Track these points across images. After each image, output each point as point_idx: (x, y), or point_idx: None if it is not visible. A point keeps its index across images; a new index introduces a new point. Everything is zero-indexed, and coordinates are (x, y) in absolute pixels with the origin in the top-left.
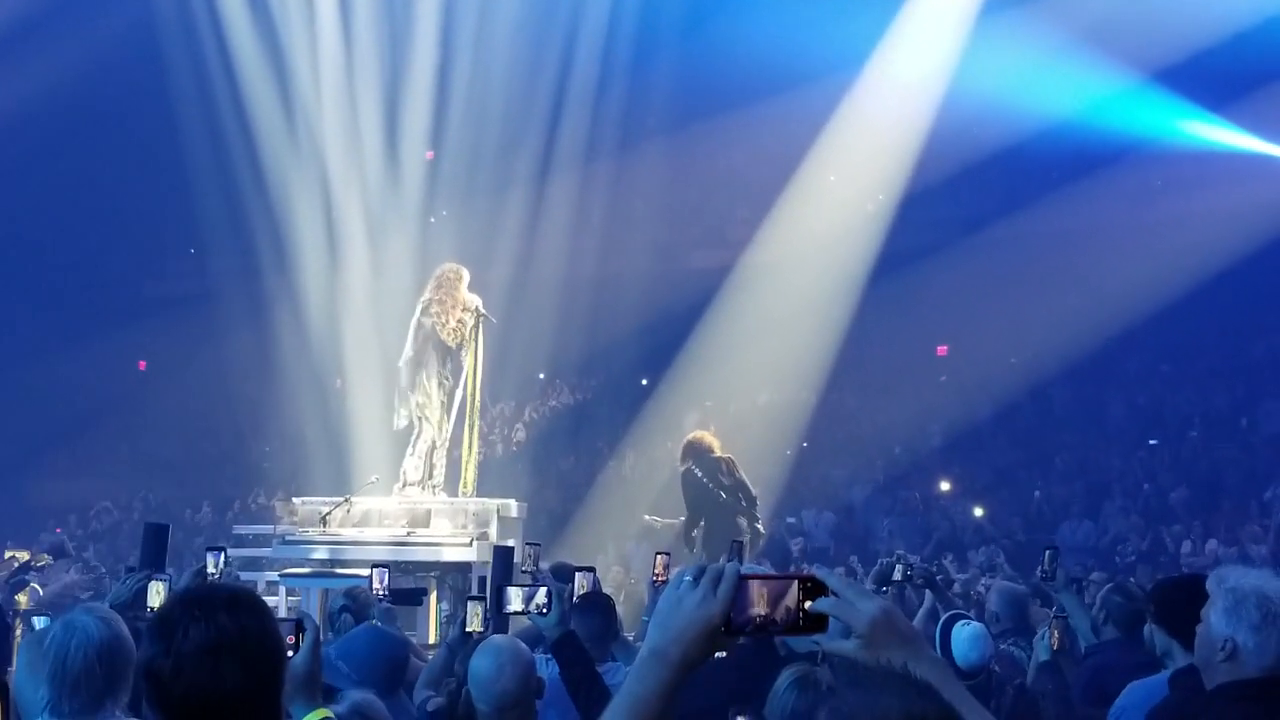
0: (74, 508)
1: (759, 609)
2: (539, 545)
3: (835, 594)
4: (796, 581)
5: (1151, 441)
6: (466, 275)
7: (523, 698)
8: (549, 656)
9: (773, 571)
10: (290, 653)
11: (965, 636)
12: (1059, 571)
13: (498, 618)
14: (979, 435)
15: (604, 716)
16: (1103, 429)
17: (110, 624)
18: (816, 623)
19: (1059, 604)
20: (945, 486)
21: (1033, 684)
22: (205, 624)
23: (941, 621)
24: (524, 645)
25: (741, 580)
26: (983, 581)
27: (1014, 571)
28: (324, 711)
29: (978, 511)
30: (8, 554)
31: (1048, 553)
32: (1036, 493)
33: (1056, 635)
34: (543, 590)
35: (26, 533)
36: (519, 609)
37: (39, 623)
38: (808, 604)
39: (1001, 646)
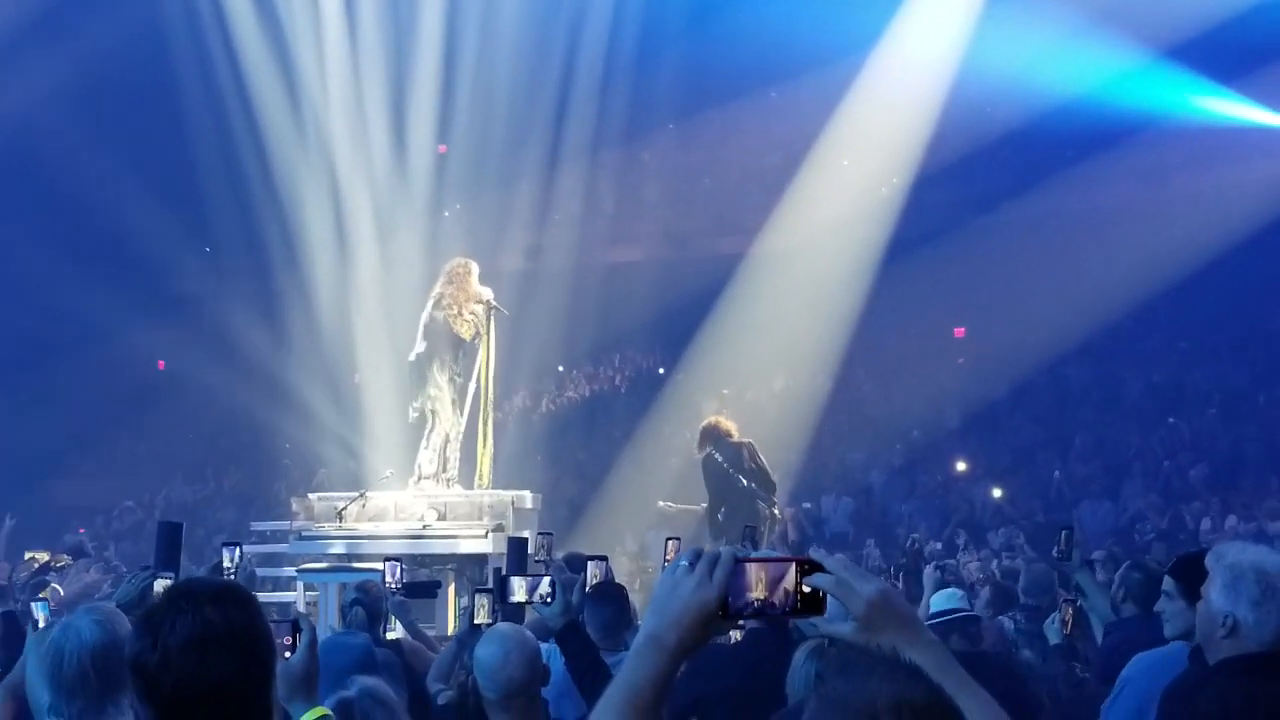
0: (97, 508)
1: (756, 592)
2: (551, 535)
3: (833, 575)
4: (794, 564)
5: (1170, 419)
6: (476, 268)
7: (528, 686)
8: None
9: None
10: (287, 653)
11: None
12: (1075, 551)
13: (506, 608)
14: (997, 416)
15: (600, 701)
16: (1121, 408)
17: (106, 626)
18: (814, 605)
19: (1075, 584)
20: (963, 468)
21: (1045, 667)
22: (191, 617)
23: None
24: (529, 633)
25: (738, 564)
26: (996, 563)
27: (1034, 553)
28: (321, 710)
29: (996, 493)
30: (28, 555)
31: (1064, 533)
32: (1056, 473)
33: (1068, 618)
34: (546, 580)
35: (50, 533)
36: (523, 599)
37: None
38: (805, 586)
39: (999, 619)
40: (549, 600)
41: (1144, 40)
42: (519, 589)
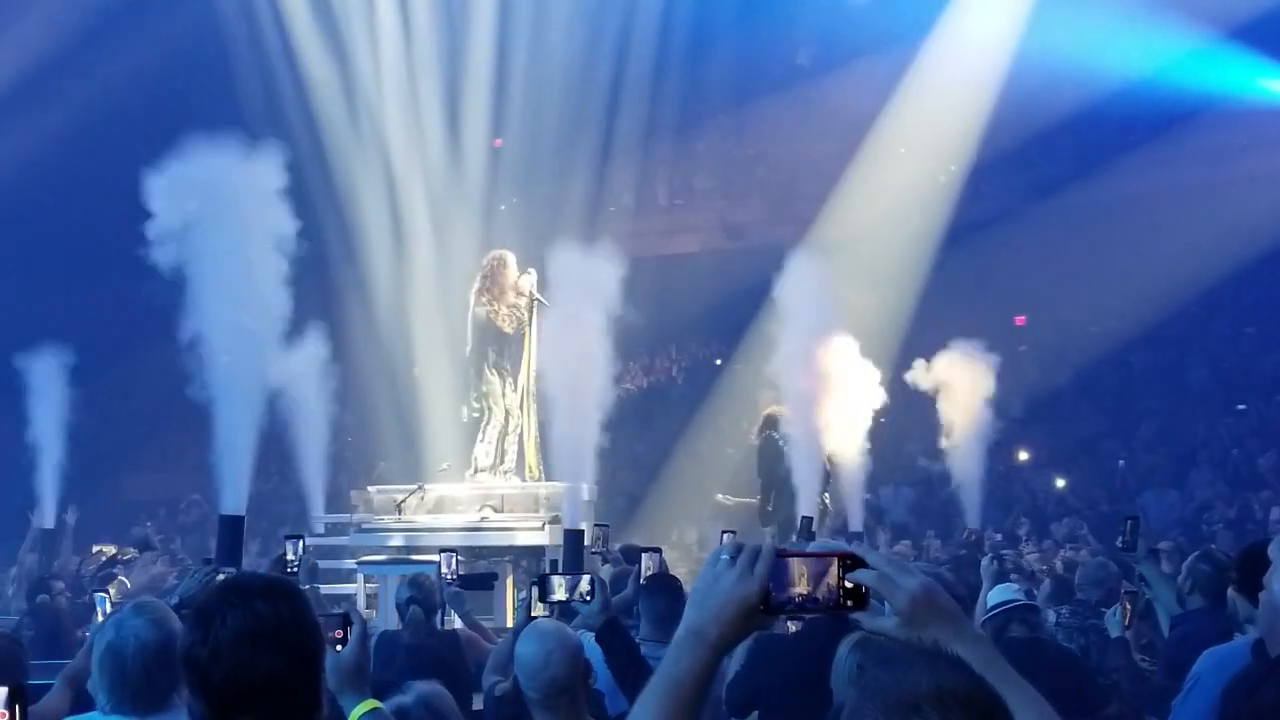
0: (163, 501)
1: (799, 587)
2: (607, 526)
3: (876, 570)
4: (836, 558)
5: (1240, 406)
6: (511, 259)
7: (571, 683)
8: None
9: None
10: (339, 646)
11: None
12: (1140, 541)
13: (559, 605)
14: (1060, 404)
15: (641, 695)
16: (1187, 394)
17: (160, 624)
18: (858, 600)
19: (1139, 575)
20: (1025, 457)
21: (1104, 661)
22: (242, 611)
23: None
24: (571, 630)
25: (780, 558)
26: (1061, 554)
27: (1098, 544)
28: (372, 703)
29: (1060, 482)
30: (95, 549)
31: (1128, 522)
32: (1121, 462)
33: (1128, 610)
34: (586, 578)
35: (117, 527)
36: (562, 597)
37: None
38: (848, 581)
39: (1045, 611)
40: (589, 598)
41: (1206, 20)
42: (559, 587)
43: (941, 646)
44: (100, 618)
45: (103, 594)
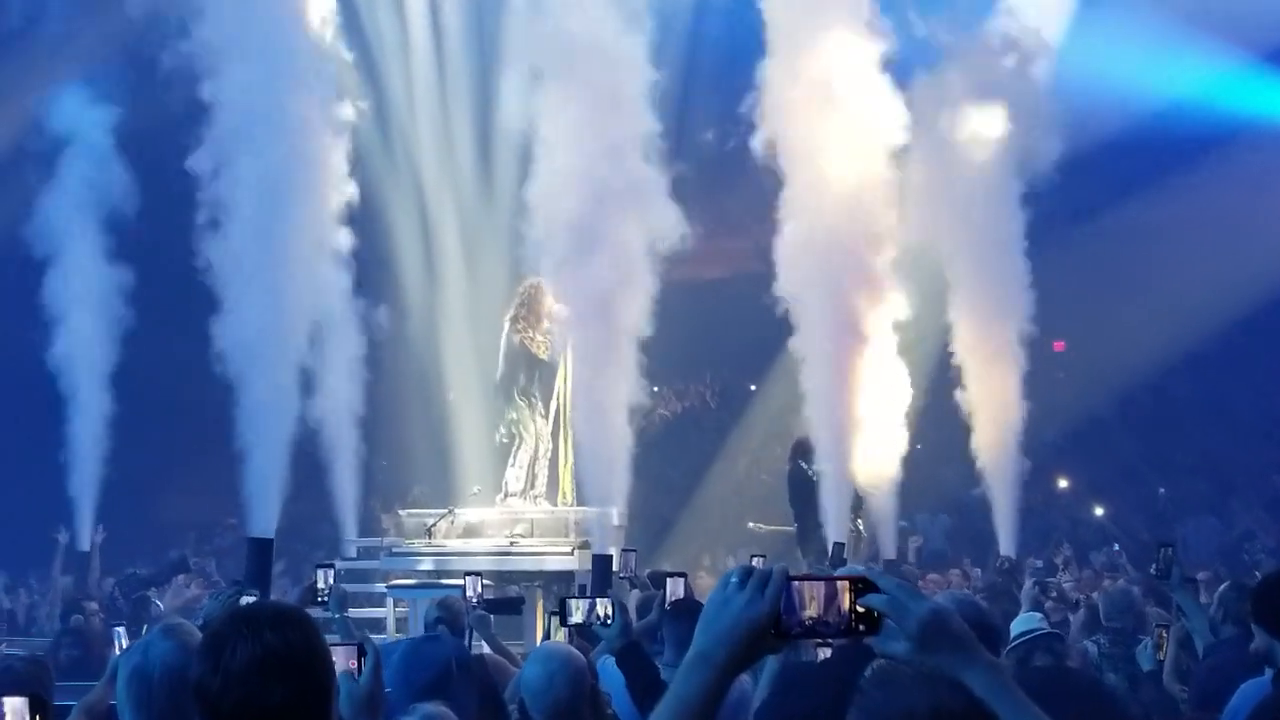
0: (195, 525)
1: (809, 611)
2: (635, 551)
3: (887, 594)
4: (848, 583)
5: (1278, 433)
6: (546, 286)
7: (574, 706)
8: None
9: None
10: (356, 675)
11: None
12: (1175, 569)
13: (579, 629)
14: (1099, 431)
15: (651, 717)
16: (1228, 422)
17: (188, 647)
18: (870, 625)
19: (1175, 605)
20: (1064, 484)
21: (1137, 694)
22: (251, 641)
23: None
24: (577, 653)
25: (790, 581)
26: (1105, 583)
27: (1137, 573)
28: None
29: (1099, 510)
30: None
31: (1163, 550)
32: (1161, 490)
33: (1163, 641)
34: (606, 601)
35: (154, 549)
36: (580, 621)
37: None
38: (860, 605)
39: (1084, 642)
40: (608, 621)
41: (1246, 42)
42: (577, 611)
43: (943, 670)
44: (118, 650)
45: (120, 627)
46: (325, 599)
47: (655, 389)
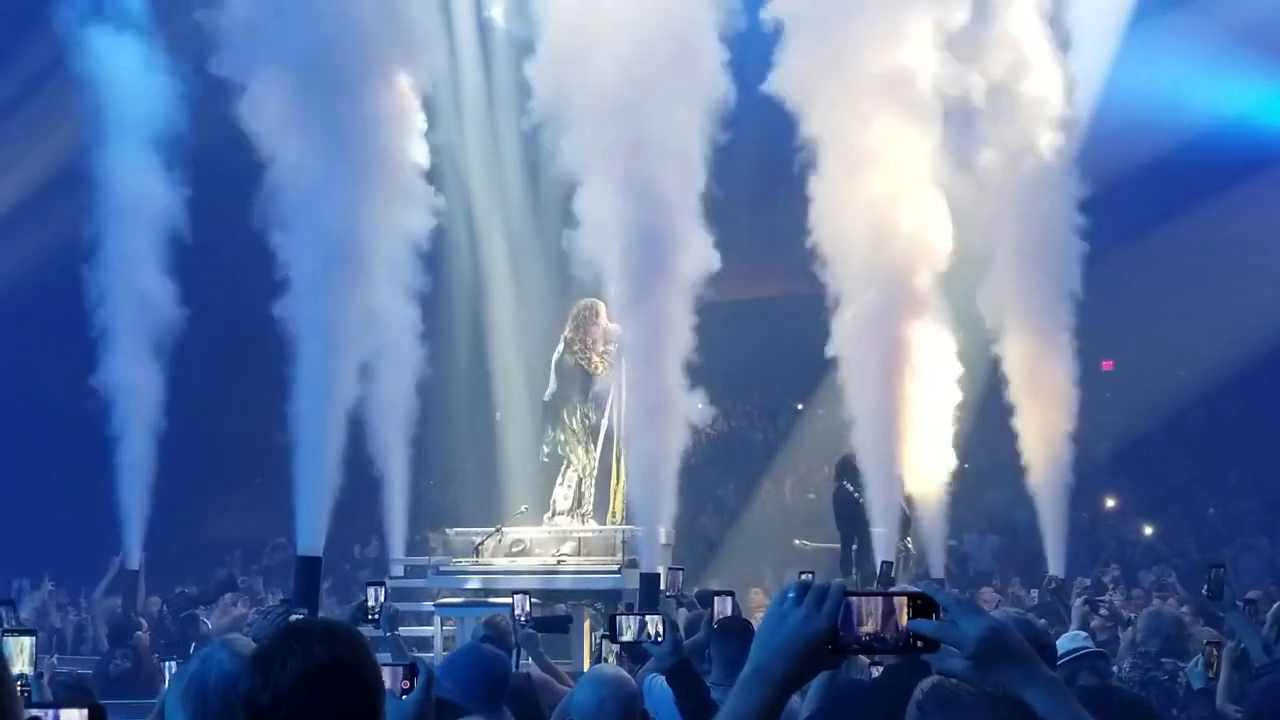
0: (246, 543)
1: (867, 627)
2: (682, 570)
3: (945, 610)
4: (906, 599)
5: None
6: (603, 308)
7: None
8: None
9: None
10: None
11: None
12: (1225, 589)
13: (628, 647)
14: (1148, 451)
15: None
16: (1278, 441)
17: (243, 658)
18: (928, 641)
19: (1227, 624)
20: (1113, 504)
21: (1186, 713)
22: (302, 656)
23: None
24: (629, 677)
25: (847, 597)
26: (1154, 602)
27: (1186, 593)
28: None
29: (1148, 530)
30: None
31: (1214, 570)
32: (1210, 510)
33: (1215, 660)
34: (656, 619)
35: (202, 568)
36: (631, 639)
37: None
38: (911, 625)
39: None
40: (659, 640)
41: None
42: (628, 629)
43: (1004, 690)
44: (166, 685)
45: (171, 661)
46: (376, 616)
47: (702, 405)
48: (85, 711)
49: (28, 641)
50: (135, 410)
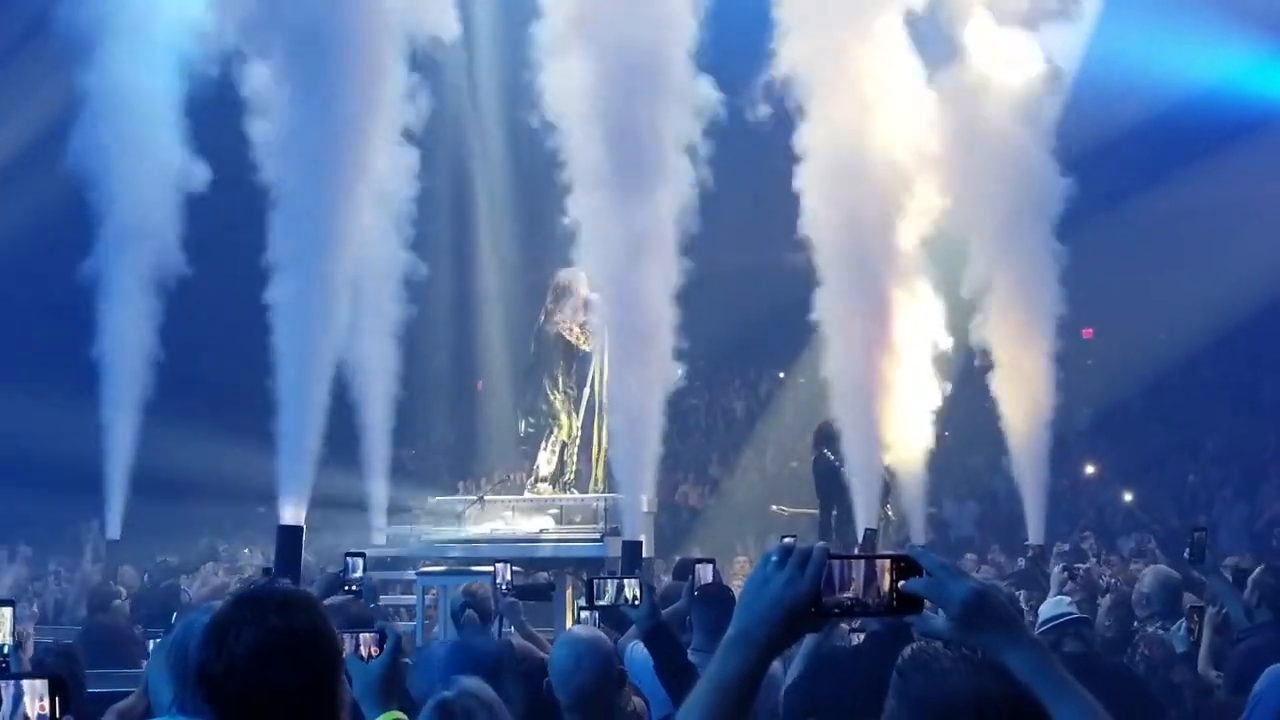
0: (229, 513)
1: (850, 590)
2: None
3: (929, 574)
4: (889, 561)
5: None
6: (583, 276)
7: (601, 690)
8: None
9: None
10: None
11: None
12: (1207, 554)
13: (606, 613)
14: (1128, 418)
15: (689, 697)
16: (1257, 408)
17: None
18: (910, 604)
19: (1209, 589)
20: (1091, 471)
21: (1172, 675)
22: (255, 626)
23: None
24: (604, 637)
25: (831, 560)
26: (1131, 567)
27: (1166, 558)
28: (395, 714)
29: (1127, 496)
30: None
31: (1195, 534)
32: (1190, 476)
33: (1197, 626)
34: (634, 583)
35: (183, 540)
36: (609, 602)
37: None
38: (901, 584)
39: (1150, 629)
40: (636, 603)
41: (1272, 28)
42: (606, 592)
43: (985, 655)
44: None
45: (154, 639)
46: (355, 588)
47: (682, 373)
48: (46, 681)
49: (7, 612)
50: (123, 376)
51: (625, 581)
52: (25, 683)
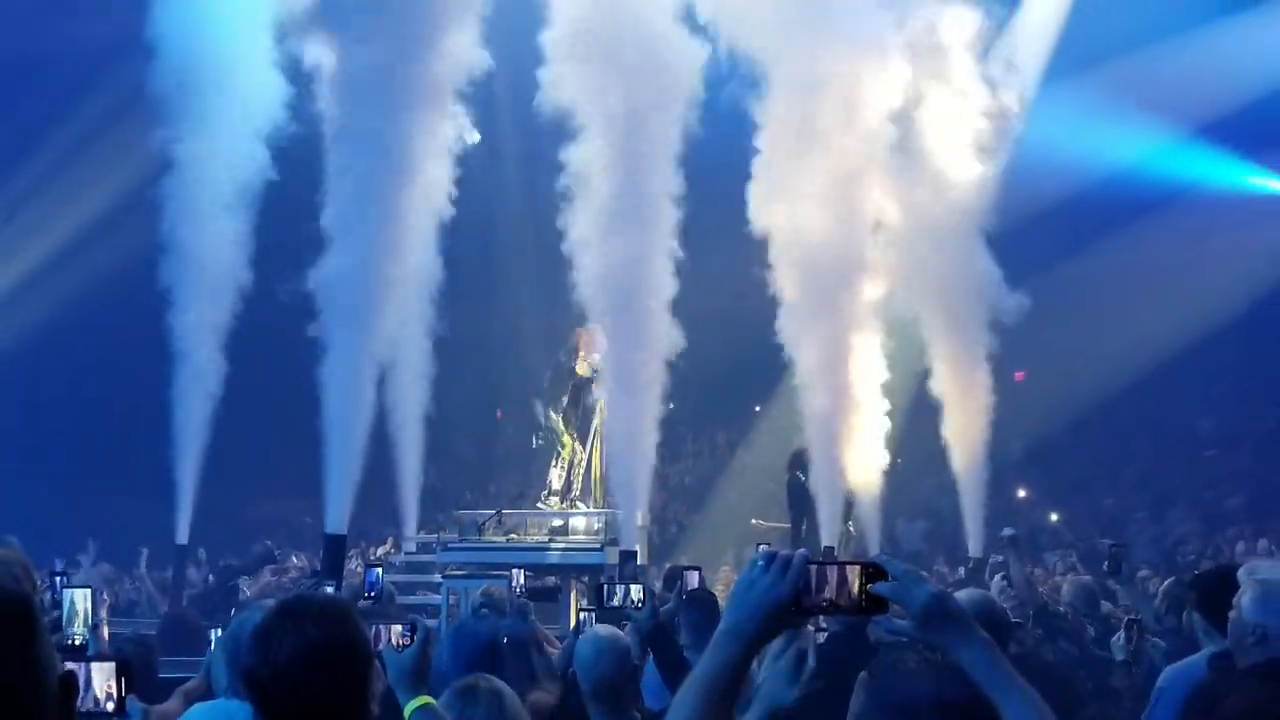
0: (282, 523)
1: (825, 592)
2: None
3: (895, 579)
4: (860, 567)
5: (1208, 453)
6: (600, 332)
7: (617, 682)
8: None
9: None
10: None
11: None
12: (1123, 566)
13: (602, 611)
14: (1055, 449)
15: (681, 687)
16: (1167, 442)
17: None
18: (877, 605)
19: (1122, 597)
20: (1023, 494)
21: (1115, 682)
22: (296, 635)
23: None
24: (622, 635)
25: (809, 565)
26: (1053, 580)
27: (1087, 572)
28: (425, 699)
29: (1054, 517)
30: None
31: (1114, 549)
32: (1108, 500)
33: (1134, 635)
34: (638, 588)
35: (240, 544)
36: (617, 604)
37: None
38: (870, 587)
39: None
40: (640, 606)
41: (1181, 117)
42: (615, 595)
43: (946, 661)
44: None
45: (215, 630)
46: (371, 595)
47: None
48: (114, 664)
49: (83, 594)
50: (191, 397)
51: (631, 586)
52: (95, 665)
